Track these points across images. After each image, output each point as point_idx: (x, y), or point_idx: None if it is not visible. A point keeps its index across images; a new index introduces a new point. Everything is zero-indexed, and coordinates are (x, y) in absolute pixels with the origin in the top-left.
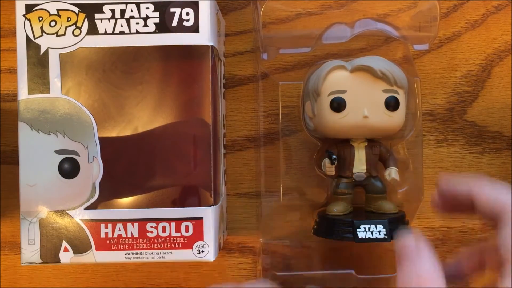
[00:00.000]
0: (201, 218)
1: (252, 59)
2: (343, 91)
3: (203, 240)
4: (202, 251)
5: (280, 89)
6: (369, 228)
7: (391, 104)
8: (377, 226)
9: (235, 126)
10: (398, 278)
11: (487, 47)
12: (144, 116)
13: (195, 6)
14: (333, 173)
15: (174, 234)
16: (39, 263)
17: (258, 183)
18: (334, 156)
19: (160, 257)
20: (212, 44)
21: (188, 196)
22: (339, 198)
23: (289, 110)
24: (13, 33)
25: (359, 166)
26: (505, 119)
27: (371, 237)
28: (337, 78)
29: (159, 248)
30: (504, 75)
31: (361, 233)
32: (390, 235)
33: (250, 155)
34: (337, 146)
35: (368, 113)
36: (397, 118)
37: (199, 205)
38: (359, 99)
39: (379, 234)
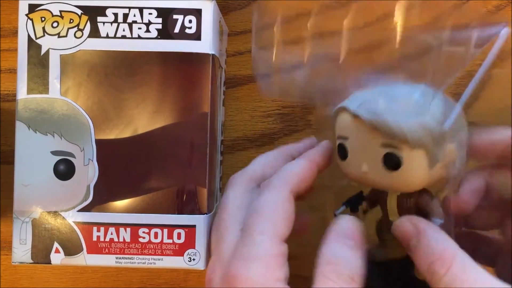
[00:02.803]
0: (194, 226)
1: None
2: (346, 138)
3: (194, 248)
4: (193, 259)
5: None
6: None
7: (389, 163)
8: None
9: (235, 126)
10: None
11: (487, 47)
12: (142, 120)
13: (198, 14)
14: None
15: (166, 240)
16: (30, 263)
17: None
18: (342, 208)
19: (151, 263)
20: (213, 52)
21: (182, 203)
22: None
23: (289, 110)
24: (13, 33)
25: (392, 216)
26: (506, 120)
27: None
28: (341, 122)
29: (150, 254)
30: (504, 75)
31: None
32: None
33: (250, 155)
34: (372, 190)
35: (368, 168)
36: (402, 178)
37: (193, 212)
38: (359, 150)
39: None
